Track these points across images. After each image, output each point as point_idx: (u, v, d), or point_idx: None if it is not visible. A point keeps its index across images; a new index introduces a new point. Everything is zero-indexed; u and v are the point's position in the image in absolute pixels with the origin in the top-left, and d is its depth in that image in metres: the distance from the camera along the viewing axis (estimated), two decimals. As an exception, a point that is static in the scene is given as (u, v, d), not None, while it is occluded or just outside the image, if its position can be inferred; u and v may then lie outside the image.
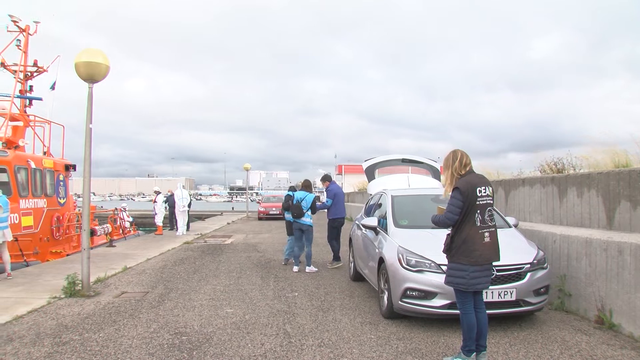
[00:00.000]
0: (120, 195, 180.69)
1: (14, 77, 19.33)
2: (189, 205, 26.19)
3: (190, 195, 26.98)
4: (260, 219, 39.54)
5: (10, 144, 17.16)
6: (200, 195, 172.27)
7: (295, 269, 13.32)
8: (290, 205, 13.48)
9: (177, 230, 25.88)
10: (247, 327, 7.88)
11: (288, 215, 14.00)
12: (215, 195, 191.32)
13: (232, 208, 76.23)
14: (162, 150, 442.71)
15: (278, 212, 37.56)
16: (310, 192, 13.64)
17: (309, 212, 13.29)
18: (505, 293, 7.28)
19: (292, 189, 14.54)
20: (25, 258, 15.08)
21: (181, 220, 25.82)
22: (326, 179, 15.12)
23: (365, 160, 13.74)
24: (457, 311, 6.15)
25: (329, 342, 7.04)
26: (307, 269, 13.19)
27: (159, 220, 25.99)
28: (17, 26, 19.31)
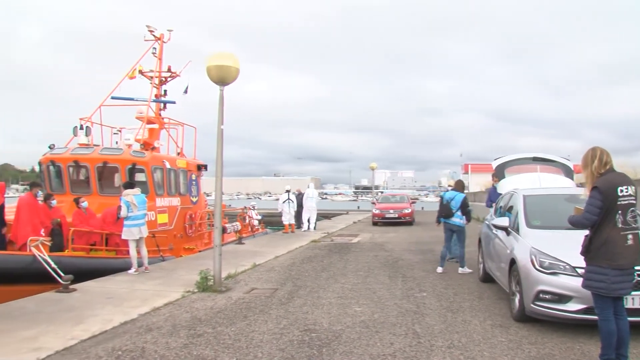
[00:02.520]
0: (247, 194, 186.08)
1: (150, 83, 20.30)
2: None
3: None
4: (375, 223, 31.35)
5: (147, 145, 18.01)
6: (326, 194, 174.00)
7: (440, 269, 13.10)
8: (440, 206, 13.34)
9: (304, 228, 26.34)
10: (376, 326, 7.87)
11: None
12: (340, 194, 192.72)
13: (358, 207, 76.37)
14: (288, 150, 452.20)
15: (397, 216, 31.10)
16: (462, 191, 13.34)
17: (459, 212, 13.06)
18: (650, 300, 6.80)
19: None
20: (161, 253, 15.80)
21: (309, 218, 26.20)
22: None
23: (495, 159, 13.40)
24: (594, 317, 5.83)
25: (459, 344, 6.91)
26: (460, 270, 13.02)
27: (286, 219, 26.50)
28: (153, 35, 20.28)
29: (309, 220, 26.50)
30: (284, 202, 26.33)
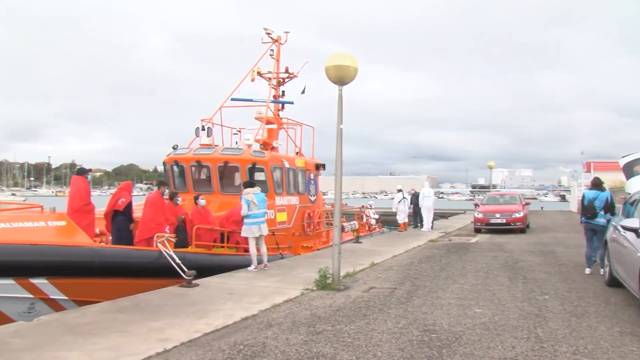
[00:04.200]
0: (363, 193, 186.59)
1: (269, 84, 20.71)
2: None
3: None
4: (477, 230, 25.35)
5: (266, 145, 18.36)
6: (442, 193, 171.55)
7: (588, 271, 12.65)
8: (581, 206, 12.84)
9: (421, 227, 26.10)
10: (497, 328, 7.66)
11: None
12: (457, 193, 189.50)
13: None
14: (403, 149, 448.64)
15: (505, 221, 24.63)
16: (601, 190, 12.74)
17: (603, 212, 12.49)
18: None
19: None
20: (280, 251, 16.07)
21: (426, 217, 25.92)
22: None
23: (623, 157, 12.71)
24: None
25: (585, 350, 6.58)
26: (587, 270, 12.66)
27: (401, 218, 26.32)
28: (270, 37, 20.65)
29: (426, 220, 26.16)
30: (399, 201, 26.26)
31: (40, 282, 10.07)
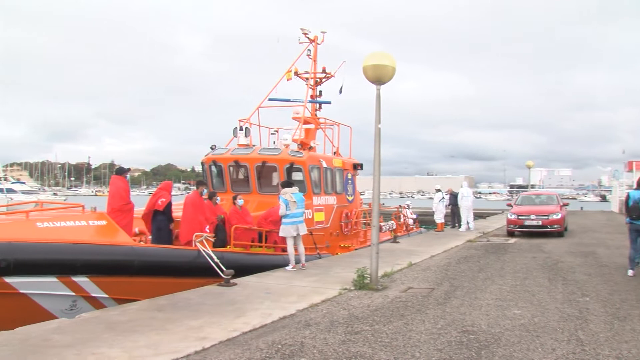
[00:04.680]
0: (400, 193, 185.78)
1: (306, 84, 20.77)
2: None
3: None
4: (510, 233, 23.43)
5: (304, 145, 18.38)
6: (480, 193, 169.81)
7: (630, 272, 12.43)
8: (625, 207, 12.61)
9: (459, 227, 25.95)
10: (537, 330, 7.59)
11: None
12: (494, 193, 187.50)
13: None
14: (440, 149, 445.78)
15: (541, 223, 22.52)
16: None
17: None
18: None
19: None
20: (318, 251, 16.09)
21: (465, 217, 25.74)
22: None
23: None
24: None
25: (629, 355, 6.49)
26: (629, 272, 12.43)
27: (439, 218, 26.18)
28: (307, 37, 20.70)
29: (467, 221, 25.93)
30: (439, 200, 26.13)
31: (81, 280, 10.26)
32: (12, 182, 66.42)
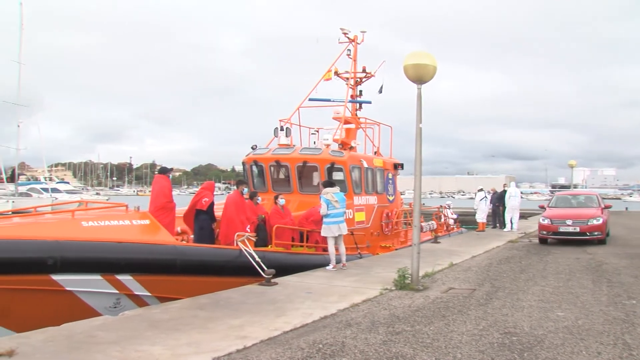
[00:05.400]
0: (440, 193, 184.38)
1: (346, 84, 20.76)
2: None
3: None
4: (542, 240, 20.09)
5: (345, 145, 18.37)
6: (521, 193, 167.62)
7: None
8: None
9: (501, 227, 25.71)
10: (581, 332, 7.46)
11: None
12: (536, 193, 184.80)
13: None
14: (480, 148, 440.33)
15: (578, 230, 19.10)
16: None
17: None
18: None
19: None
20: (359, 251, 16.09)
21: (509, 217, 25.44)
22: None
23: None
24: None
25: (679, 359, 6.30)
26: None
27: (480, 217, 25.95)
28: (347, 37, 20.69)
29: (511, 220, 25.59)
30: (480, 200, 25.93)
31: (125, 278, 10.43)
32: (57, 182, 67.93)
